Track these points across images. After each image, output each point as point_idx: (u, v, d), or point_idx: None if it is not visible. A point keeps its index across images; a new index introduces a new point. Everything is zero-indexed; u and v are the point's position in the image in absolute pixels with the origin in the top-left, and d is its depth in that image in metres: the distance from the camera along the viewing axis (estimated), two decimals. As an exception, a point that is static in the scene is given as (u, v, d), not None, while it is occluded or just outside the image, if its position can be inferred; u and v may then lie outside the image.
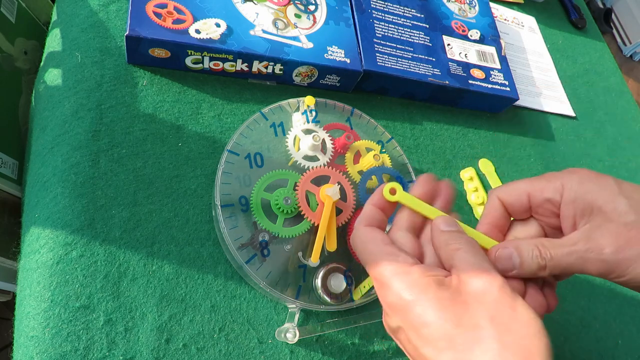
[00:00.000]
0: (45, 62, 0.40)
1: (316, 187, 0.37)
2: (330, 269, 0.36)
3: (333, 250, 0.36)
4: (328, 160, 0.39)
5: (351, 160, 0.40)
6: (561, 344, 0.45)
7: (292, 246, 0.36)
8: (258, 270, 0.34)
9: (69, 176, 0.34)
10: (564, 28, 0.76)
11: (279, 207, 0.35)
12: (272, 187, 0.36)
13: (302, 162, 0.38)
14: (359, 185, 0.39)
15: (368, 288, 0.36)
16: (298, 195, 0.36)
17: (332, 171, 0.38)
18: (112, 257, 0.32)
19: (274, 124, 0.39)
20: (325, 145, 0.39)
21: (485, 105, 0.55)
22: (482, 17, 0.59)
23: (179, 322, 0.32)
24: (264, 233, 0.35)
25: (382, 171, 0.40)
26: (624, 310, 0.50)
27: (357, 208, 0.38)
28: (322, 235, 0.35)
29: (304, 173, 0.37)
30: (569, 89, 0.67)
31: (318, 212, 0.36)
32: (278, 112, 0.40)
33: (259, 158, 0.37)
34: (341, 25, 0.47)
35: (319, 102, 0.41)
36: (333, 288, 0.35)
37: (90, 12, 0.41)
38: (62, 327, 0.29)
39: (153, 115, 0.39)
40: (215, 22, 0.40)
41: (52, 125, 0.36)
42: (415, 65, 0.49)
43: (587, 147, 0.62)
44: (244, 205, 0.35)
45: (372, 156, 0.39)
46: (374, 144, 0.42)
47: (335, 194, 0.36)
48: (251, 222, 0.35)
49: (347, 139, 0.39)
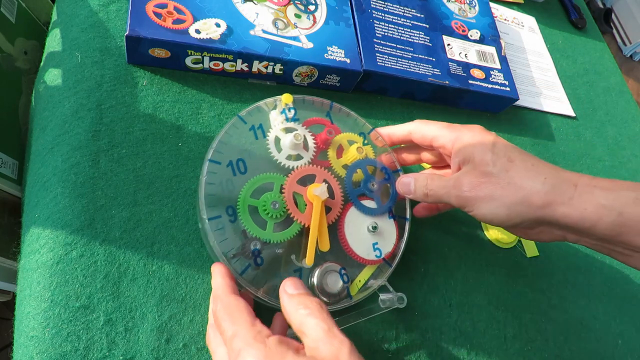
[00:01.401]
0: (45, 62, 0.40)
1: (303, 187, 0.36)
2: (326, 269, 0.35)
3: (327, 250, 0.35)
4: (311, 158, 0.38)
5: (334, 155, 0.39)
6: (561, 344, 0.45)
7: (284, 250, 0.35)
8: (253, 279, 0.33)
9: (69, 176, 0.34)
10: (564, 28, 0.76)
11: (267, 213, 0.34)
12: (258, 192, 0.35)
13: (286, 163, 0.37)
14: (345, 180, 0.38)
15: (364, 282, 0.36)
16: (285, 198, 0.35)
17: (317, 169, 0.37)
18: (112, 257, 0.32)
19: (253, 126, 0.38)
20: (307, 143, 0.38)
21: (485, 105, 0.55)
22: (482, 17, 0.59)
23: (179, 322, 0.32)
24: (255, 241, 0.34)
25: (367, 163, 0.39)
26: (624, 310, 0.50)
27: (346, 203, 0.38)
28: (315, 236, 0.35)
29: (289, 174, 0.36)
30: (569, 89, 0.67)
31: (307, 213, 0.35)
32: (256, 113, 0.38)
33: (241, 164, 0.36)
34: (341, 25, 0.47)
35: (297, 99, 0.40)
36: (330, 287, 0.35)
37: (90, 12, 0.41)
38: (62, 327, 0.29)
39: (153, 115, 0.39)
40: (215, 22, 0.40)
41: (52, 125, 0.36)
42: (415, 65, 0.49)
43: (587, 147, 0.62)
44: (231, 216, 0.34)
45: (356, 149, 0.39)
46: (356, 136, 0.41)
47: (324, 194, 0.35)
48: (240, 231, 0.34)
49: (329, 134, 0.38)
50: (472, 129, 0.35)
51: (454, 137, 0.35)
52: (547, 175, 0.31)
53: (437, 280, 0.42)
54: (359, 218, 0.37)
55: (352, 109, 0.48)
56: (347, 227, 0.37)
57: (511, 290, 0.45)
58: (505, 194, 0.31)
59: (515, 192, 0.31)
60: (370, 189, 0.38)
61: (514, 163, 0.32)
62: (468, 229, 0.47)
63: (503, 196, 0.31)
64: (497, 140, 0.34)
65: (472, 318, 0.42)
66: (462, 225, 0.47)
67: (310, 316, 0.26)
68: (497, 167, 0.32)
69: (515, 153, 0.33)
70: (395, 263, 0.38)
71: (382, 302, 0.37)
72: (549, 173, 0.31)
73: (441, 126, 0.37)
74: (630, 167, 0.64)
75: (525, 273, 0.47)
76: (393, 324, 0.38)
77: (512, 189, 0.31)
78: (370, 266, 0.37)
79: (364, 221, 0.38)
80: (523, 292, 0.45)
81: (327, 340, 0.25)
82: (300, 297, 0.27)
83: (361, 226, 0.37)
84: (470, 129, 0.35)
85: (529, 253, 0.47)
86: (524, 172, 0.31)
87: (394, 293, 0.37)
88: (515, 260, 0.47)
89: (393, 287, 0.37)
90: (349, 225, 0.37)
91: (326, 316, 0.26)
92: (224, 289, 0.29)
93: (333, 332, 0.25)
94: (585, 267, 0.51)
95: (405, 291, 0.40)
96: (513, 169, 0.32)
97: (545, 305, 0.46)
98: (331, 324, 0.26)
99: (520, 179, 0.31)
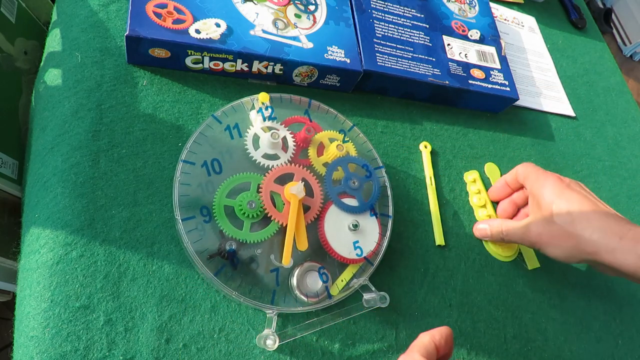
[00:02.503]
0: (45, 62, 0.40)
1: (280, 186, 0.36)
2: (305, 269, 0.35)
3: (304, 249, 0.35)
4: (291, 157, 0.37)
5: (315, 153, 0.39)
6: (561, 344, 0.45)
7: (262, 250, 0.35)
8: (228, 280, 0.33)
9: (69, 176, 0.34)
10: (564, 28, 0.76)
11: (243, 212, 0.34)
12: (234, 192, 0.35)
13: (263, 162, 0.37)
14: (325, 179, 0.38)
15: (346, 281, 0.36)
16: (262, 197, 0.35)
17: (296, 167, 0.37)
18: (112, 257, 0.32)
19: (228, 126, 0.38)
20: (286, 142, 0.38)
21: (485, 105, 0.55)
22: (482, 17, 0.59)
23: (179, 322, 0.32)
24: (230, 241, 0.34)
25: (348, 161, 0.39)
26: (624, 310, 0.50)
27: (326, 202, 0.37)
28: (291, 235, 0.34)
29: (267, 174, 0.36)
30: (569, 89, 0.67)
31: (285, 212, 0.35)
32: (232, 113, 0.38)
33: (216, 164, 0.36)
34: (341, 25, 0.47)
35: (274, 98, 0.40)
36: (309, 287, 0.35)
37: (90, 12, 0.41)
38: (62, 327, 0.29)
39: (153, 115, 0.39)
40: (215, 22, 0.40)
41: (52, 125, 0.36)
42: (415, 65, 0.49)
43: (587, 147, 0.62)
44: (206, 216, 0.34)
45: (335, 147, 0.39)
46: (336, 133, 0.41)
47: (300, 192, 0.35)
48: (217, 231, 0.34)
49: (307, 132, 0.38)
50: (548, 179, 0.42)
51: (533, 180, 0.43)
52: (598, 226, 0.37)
53: (437, 280, 0.42)
54: (340, 216, 0.37)
55: (352, 109, 0.48)
56: (328, 226, 0.37)
57: (511, 291, 0.45)
58: (564, 242, 0.39)
59: (571, 240, 0.38)
60: (351, 186, 0.38)
61: (572, 215, 0.38)
62: (468, 230, 0.47)
63: (562, 243, 0.39)
64: (563, 192, 0.40)
65: (472, 318, 0.42)
66: (463, 226, 0.47)
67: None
68: (559, 219, 0.39)
69: (575, 203, 0.39)
70: (377, 262, 0.38)
71: (366, 302, 0.37)
72: (600, 224, 0.37)
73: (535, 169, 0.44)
74: (630, 167, 0.64)
75: (526, 273, 0.47)
76: (393, 324, 0.38)
77: (569, 239, 0.38)
78: (353, 265, 0.37)
79: (345, 219, 0.37)
80: (523, 292, 0.45)
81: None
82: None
83: (342, 224, 0.37)
84: (546, 179, 0.42)
85: (530, 265, 0.47)
86: (579, 222, 0.38)
87: (377, 292, 0.37)
88: (516, 261, 0.47)
89: (393, 287, 0.37)
90: (329, 223, 0.37)
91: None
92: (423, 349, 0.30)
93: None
94: (585, 268, 0.51)
95: (405, 291, 0.40)
96: (571, 221, 0.38)
97: (545, 305, 0.46)
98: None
99: (576, 229, 0.38)
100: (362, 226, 0.37)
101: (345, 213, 0.37)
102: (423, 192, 0.46)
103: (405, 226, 0.43)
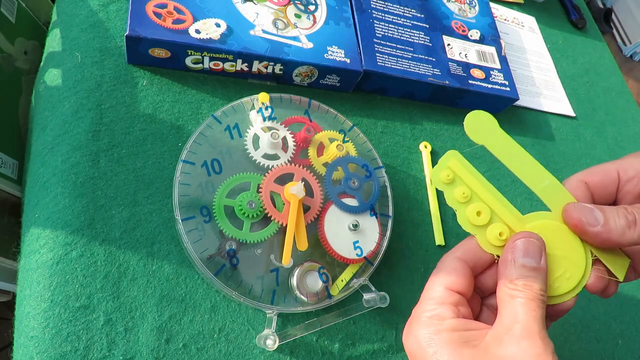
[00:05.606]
0: (45, 62, 0.40)
1: (280, 186, 0.36)
2: (305, 269, 0.35)
3: (304, 249, 0.35)
4: (291, 157, 0.38)
5: (315, 153, 0.39)
6: (561, 344, 0.45)
7: (262, 250, 0.35)
8: (228, 280, 0.33)
9: (69, 176, 0.34)
10: (564, 28, 0.76)
11: (243, 212, 0.34)
12: (234, 192, 0.35)
13: (263, 162, 0.37)
14: (324, 178, 0.38)
15: (346, 281, 0.36)
16: (262, 197, 0.35)
17: (296, 167, 0.37)
18: (112, 257, 0.32)
19: (228, 126, 0.38)
20: (286, 142, 0.38)
21: (485, 105, 0.55)
22: (482, 17, 0.59)
23: (179, 322, 0.32)
24: (230, 241, 0.34)
25: (348, 161, 0.39)
26: (624, 310, 0.50)
27: (325, 202, 0.37)
28: (291, 235, 0.34)
29: (266, 174, 0.36)
30: (569, 89, 0.67)
31: (285, 212, 0.35)
32: (232, 113, 0.38)
33: (216, 164, 0.36)
34: (341, 25, 0.47)
35: (274, 98, 0.40)
36: (309, 287, 0.35)
37: (90, 12, 0.41)
38: (62, 327, 0.29)
39: (153, 115, 0.39)
40: (215, 22, 0.40)
41: (52, 125, 0.36)
42: (415, 65, 0.49)
43: (587, 147, 0.62)
44: (206, 216, 0.34)
45: (335, 146, 0.39)
46: (336, 133, 0.41)
47: (300, 192, 0.35)
48: (217, 231, 0.34)
49: (307, 132, 0.38)
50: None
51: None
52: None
53: (437, 280, 0.42)
54: (339, 216, 0.37)
55: (352, 109, 0.48)
56: (328, 226, 0.37)
57: (511, 290, 0.45)
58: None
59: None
60: (351, 186, 0.38)
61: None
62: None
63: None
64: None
65: (472, 318, 0.42)
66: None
67: (517, 302, 0.23)
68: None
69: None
70: (377, 262, 0.38)
71: (366, 302, 0.37)
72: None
73: (610, 162, 0.32)
74: (630, 167, 0.64)
75: (525, 273, 0.47)
76: (393, 324, 0.38)
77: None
78: (353, 265, 0.37)
79: (345, 219, 0.37)
80: (523, 292, 0.45)
81: (515, 338, 0.22)
82: (523, 269, 0.24)
83: (342, 224, 0.37)
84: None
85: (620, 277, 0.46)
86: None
87: (377, 292, 0.37)
88: (515, 260, 0.47)
89: (392, 288, 0.37)
90: (329, 223, 0.37)
91: (537, 306, 0.23)
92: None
93: (531, 328, 0.22)
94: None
95: (405, 291, 0.40)
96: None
97: (545, 305, 0.46)
98: (533, 319, 0.23)
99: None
100: (362, 226, 0.37)
101: (345, 213, 0.37)
102: (423, 192, 0.46)
103: (405, 226, 0.43)
